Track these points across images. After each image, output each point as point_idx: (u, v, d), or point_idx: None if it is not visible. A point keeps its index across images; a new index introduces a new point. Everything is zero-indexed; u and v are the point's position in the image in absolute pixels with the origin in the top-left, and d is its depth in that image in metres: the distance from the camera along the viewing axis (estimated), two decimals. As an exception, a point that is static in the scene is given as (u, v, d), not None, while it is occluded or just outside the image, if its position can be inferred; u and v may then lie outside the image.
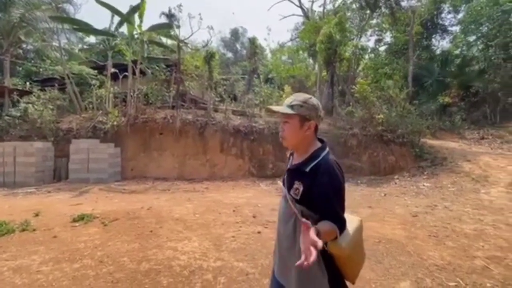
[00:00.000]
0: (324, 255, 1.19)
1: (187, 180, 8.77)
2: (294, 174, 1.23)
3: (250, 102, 10.79)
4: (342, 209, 1.15)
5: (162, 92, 10.78)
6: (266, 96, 11.02)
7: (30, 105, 9.63)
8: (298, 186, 1.18)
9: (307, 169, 1.18)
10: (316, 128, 1.24)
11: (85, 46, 18.81)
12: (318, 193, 1.12)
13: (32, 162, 8.13)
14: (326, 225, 1.11)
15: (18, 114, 9.69)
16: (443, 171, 7.56)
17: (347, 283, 1.28)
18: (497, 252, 3.18)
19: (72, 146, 8.57)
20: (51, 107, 9.92)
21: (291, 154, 1.37)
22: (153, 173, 9.27)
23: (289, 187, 1.23)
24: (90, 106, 10.54)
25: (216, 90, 11.24)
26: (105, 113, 9.89)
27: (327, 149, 1.24)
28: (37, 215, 4.59)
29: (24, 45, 17.03)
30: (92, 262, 2.93)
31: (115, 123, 9.21)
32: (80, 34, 16.45)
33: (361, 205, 5.37)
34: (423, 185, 6.90)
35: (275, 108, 1.26)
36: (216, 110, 10.69)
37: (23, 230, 3.85)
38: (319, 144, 1.26)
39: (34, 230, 3.89)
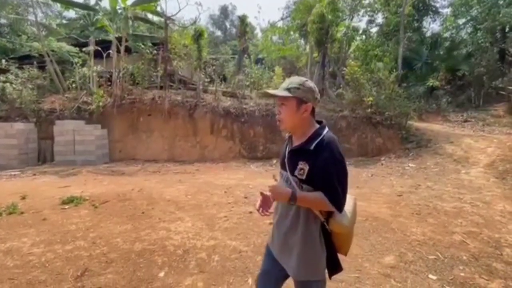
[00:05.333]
0: (324, 232, 1.24)
1: (178, 162, 8.73)
2: (298, 155, 1.23)
3: (240, 83, 10.60)
4: (342, 184, 1.16)
5: (149, 71, 10.39)
6: (257, 77, 10.82)
7: (8, 84, 9.12)
8: (303, 166, 1.18)
9: (312, 147, 1.18)
10: (313, 110, 1.25)
11: (63, 21, 17.63)
12: (320, 167, 1.14)
13: (14, 144, 7.84)
14: (313, 194, 1.16)
15: (-5, 94, 9.18)
16: (427, 153, 7.83)
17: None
18: (474, 228, 3.40)
19: (56, 128, 8.28)
20: (30, 86, 9.42)
21: (290, 137, 1.36)
22: (142, 155, 9.16)
23: (293, 168, 1.22)
24: (73, 85, 10.07)
25: (205, 70, 10.93)
26: (90, 93, 9.51)
27: (327, 128, 1.26)
28: (24, 198, 4.49)
29: (-4, 19, 15.79)
30: (85, 244, 2.94)
31: (100, 103, 8.91)
32: (58, 7, 15.36)
33: (349, 185, 5.48)
34: (408, 166, 7.16)
35: (272, 91, 1.25)
36: (205, 91, 10.46)
37: (10, 213, 3.79)
38: (317, 125, 1.27)
39: (22, 213, 3.83)
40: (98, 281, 2.29)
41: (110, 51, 9.93)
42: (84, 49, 10.99)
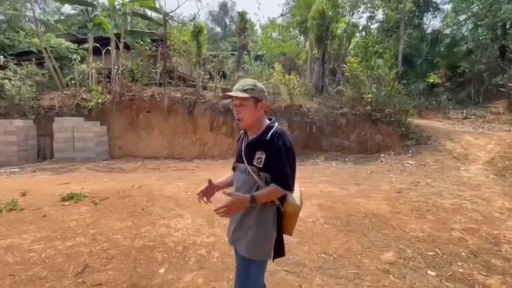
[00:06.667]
0: (278, 214, 1.38)
1: (177, 159, 8.74)
2: (255, 146, 1.37)
3: (240, 80, 10.56)
4: (292, 169, 1.31)
5: (148, 68, 10.35)
6: (256, 74, 10.78)
7: (7, 81, 9.08)
8: (261, 155, 1.32)
9: (268, 137, 1.33)
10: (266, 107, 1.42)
11: (61, 17, 17.48)
12: (274, 155, 1.29)
13: (13, 140, 7.83)
14: (267, 189, 1.30)
15: (-6, 90, 9.13)
16: (426, 150, 7.83)
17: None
18: (473, 225, 3.41)
19: (56, 125, 8.26)
20: (29, 83, 9.39)
21: (245, 133, 1.50)
22: (142, 152, 9.16)
23: (250, 159, 1.36)
24: (72, 82, 10.03)
25: (204, 67, 10.89)
26: (89, 90, 9.48)
27: (276, 122, 1.43)
28: (24, 194, 4.50)
29: (-6, 15, 15.62)
30: (85, 240, 2.94)
31: (99, 100, 8.89)
32: (56, 3, 15.23)
33: (349, 182, 5.55)
34: (408, 163, 7.16)
35: (233, 93, 1.35)
36: (205, 88, 10.43)
37: (11, 210, 3.79)
38: (268, 121, 1.43)
39: (22, 209, 3.83)
40: (99, 277, 2.30)
41: (109, 47, 9.88)
42: (82, 46, 10.94)
